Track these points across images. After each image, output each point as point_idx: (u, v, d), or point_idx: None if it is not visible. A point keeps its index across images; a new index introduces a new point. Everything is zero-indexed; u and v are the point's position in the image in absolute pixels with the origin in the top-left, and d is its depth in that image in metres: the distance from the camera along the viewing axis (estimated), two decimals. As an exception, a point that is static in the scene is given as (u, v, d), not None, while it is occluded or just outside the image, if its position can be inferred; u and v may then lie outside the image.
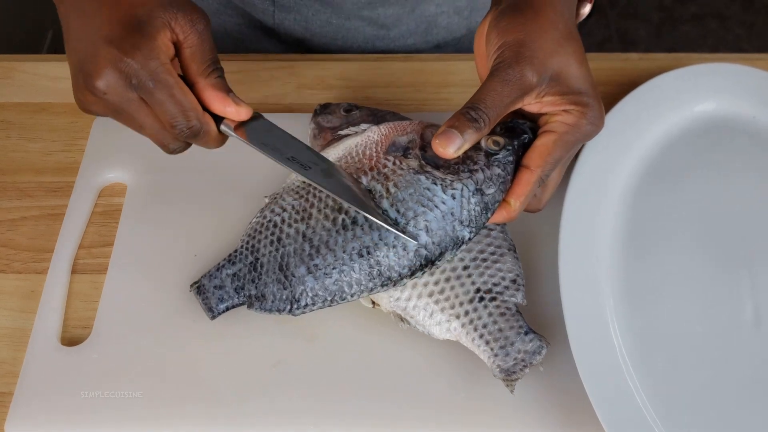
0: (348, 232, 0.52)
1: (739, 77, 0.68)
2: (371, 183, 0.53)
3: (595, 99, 0.52)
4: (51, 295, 0.60)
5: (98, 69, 0.48)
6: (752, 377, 0.55)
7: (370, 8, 0.79)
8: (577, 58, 0.52)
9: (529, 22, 0.51)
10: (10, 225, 0.65)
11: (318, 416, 0.54)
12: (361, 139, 0.57)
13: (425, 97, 0.73)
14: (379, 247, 0.52)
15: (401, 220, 0.52)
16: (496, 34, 0.51)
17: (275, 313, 0.54)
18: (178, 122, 0.50)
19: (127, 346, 0.57)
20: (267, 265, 0.55)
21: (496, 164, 0.53)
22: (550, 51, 0.50)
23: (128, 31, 0.48)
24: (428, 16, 0.81)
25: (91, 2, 0.49)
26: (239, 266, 0.56)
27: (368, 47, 0.83)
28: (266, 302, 0.54)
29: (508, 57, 0.50)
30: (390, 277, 0.52)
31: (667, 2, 2.12)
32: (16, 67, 0.75)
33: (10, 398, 0.55)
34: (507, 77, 0.50)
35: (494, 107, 0.50)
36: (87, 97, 0.50)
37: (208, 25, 0.51)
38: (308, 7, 0.80)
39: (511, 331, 0.53)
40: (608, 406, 0.52)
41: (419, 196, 0.52)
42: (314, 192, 0.55)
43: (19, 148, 0.69)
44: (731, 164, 0.65)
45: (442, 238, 0.52)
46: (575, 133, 0.52)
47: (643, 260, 0.59)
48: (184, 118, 0.50)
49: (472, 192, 0.52)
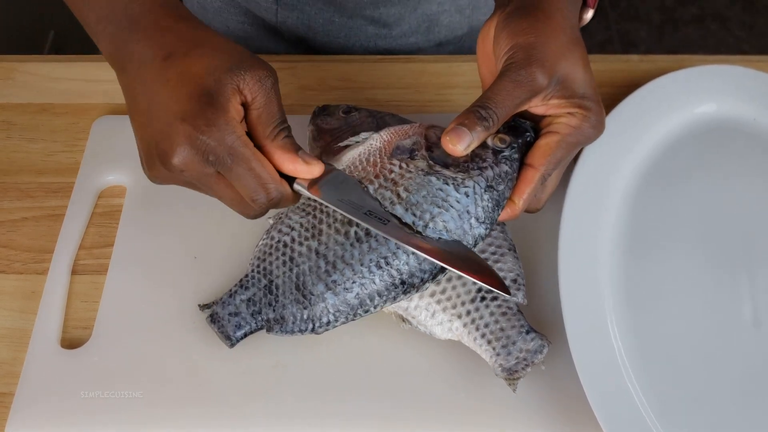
0: (363, 245, 0.52)
1: (739, 79, 0.68)
2: (379, 191, 0.53)
3: (597, 104, 0.53)
4: (51, 297, 0.60)
5: (174, 147, 0.47)
6: (751, 378, 0.55)
7: (373, 7, 0.79)
8: (583, 62, 0.52)
9: (540, 25, 0.51)
10: (11, 225, 0.65)
11: (319, 417, 0.54)
12: (363, 148, 0.56)
13: (427, 99, 0.73)
14: (398, 256, 0.51)
15: (419, 223, 0.51)
16: (507, 35, 0.52)
17: (297, 335, 0.53)
18: (259, 196, 0.49)
19: (128, 348, 0.57)
20: (283, 287, 0.54)
21: (503, 161, 0.53)
22: (560, 55, 0.51)
23: (200, 106, 0.47)
24: (430, 14, 0.82)
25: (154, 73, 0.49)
26: (253, 290, 0.55)
27: (370, 46, 0.83)
28: (287, 324, 0.53)
29: (520, 58, 0.51)
30: (413, 284, 0.52)
31: (668, 4, 2.12)
32: (18, 67, 0.75)
33: (11, 399, 0.55)
34: (518, 78, 0.50)
35: (503, 107, 0.50)
36: (162, 174, 0.49)
37: (276, 82, 0.50)
38: (311, 5, 0.80)
39: (513, 330, 0.53)
40: (607, 407, 0.52)
41: (433, 197, 0.52)
42: (321, 208, 0.54)
43: (20, 149, 0.69)
44: (731, 166, 0.65)
45: (461, 236, 0.52)
46: (577, 135, 0.53)
47: (643, 261, 0.59)
48: (264, 191, 0.49)
49: (483, 189, 0.52)
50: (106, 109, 0.71)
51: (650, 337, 0.56)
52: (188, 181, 0.50)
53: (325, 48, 0.84)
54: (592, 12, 0.58)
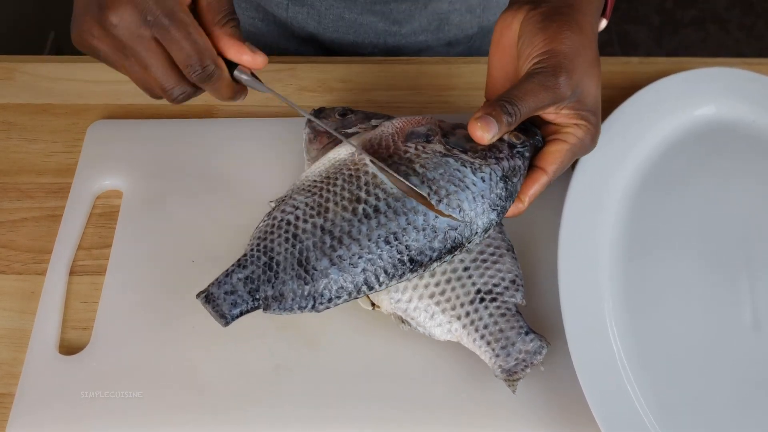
0: (372, 221, 0.51)
1: (739, 81, 0.68)
2: (393, 165, 0.52)
3: (599, 119, 0.55)
4: (50, 298, 0.60)
5: (114, 3, 0.47)
6: (750, 380, 0.55)
7: (383, 3, 0.79)
8: (599, 81, 0.54)
9: (576, 37, 0.53)
10: (10, 226, 0.65)
11: (318, 418, 0.54)
12: (373, 134, 0.56)
13: (426, 100, 0.73)
14: (408, 232, 0.51)
15: (434, 196, 0.51)
16: (543, 38, 0.52)
17: (296, 312, 0.52)
18: (193, 62, 0.49)
19: (128, 350, 0.57)
20: (284, 263, 0.52)
21: (518, 156, 0.54)
22: (585, 70, 0.53)
23: None
24: (441, 13, 0.82)
25: None
26: (251, 269, 0.53)
27: (380, 43, 0.83)
28: (285, 301, 0.52)
29: (552, 65, 0.52)
30: (421, 262, 0.51)
31: (668, 6, 2.12)
32: (18, 68, 0.75)
33: (10, 399, 0.55)
34: (547, 83, 0.51)
35: (526, 106, 0.51)
36: (94, 29, 0.48)
37: None
38: (322, 1, 0.80)
39: (512, 332, 0.53)
40: (606, 408, 0.52)
41: (450, 176, 0.52)
42: (327, 187, 0.54)
43: (20, 149, 0.69)
44: (731, 168, 0.65)
45: (473, 218, 0.52)
46: (581, 146, 0.54)
47: (642, 263, 0.59)
48: (199, 57, 0.49)
49: (499, 177, 0.53)
50: (106, 110, 0.71)
51: (649, 339, 0.56)
52: (119, 45, 0.49)
53: (335, 44, 0.84)
54: (605, 23, 0.60)
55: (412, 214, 0.51)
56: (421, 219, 0.51)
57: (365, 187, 0.52)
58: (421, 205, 0.51)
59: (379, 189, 0.52)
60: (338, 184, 0.53)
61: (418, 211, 0.51)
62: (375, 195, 0.52)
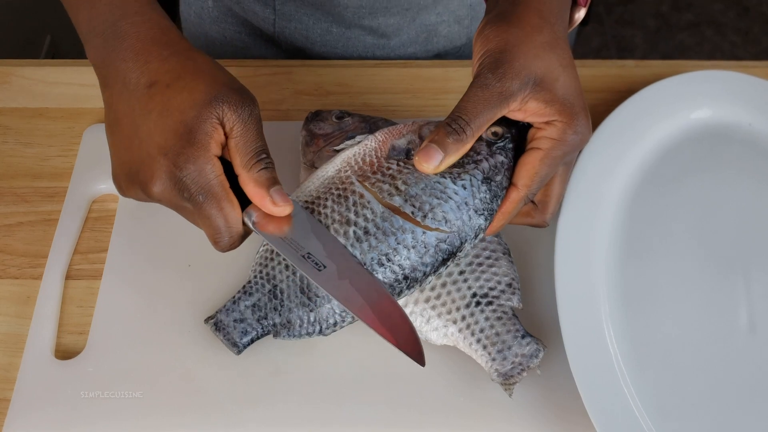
0: (363, 244, 0.52)
1: (735, 84, 0.68)
2: (377, 184, 0.53)
3: (581, 108, 0.51)
4: (46, 302, 0.59)
5: (154, 180, 0.49)
6: (746, 383, 0.55)
7: (371, 17, 0.79)
8: (562, 63, 0.51)
9: (513, 29, 0.51)
10: (6, 230, 0.64)
11: (316, 422, 0.54)
12: (358, 149, 0.56)
13: (422, 104, 0.73)
14: (399, 251, 0.51)
15: (418, 213, 0.52)
16: (480, 42, 0.52)
17: (305, 338, 0.54)
18: (218, 238, 0.51)
19: (124, 355, 0.57)
20: (287, 291, 0.54)
21: (498, 152, 0.54)
22: (532, 56, 0.50)
23: (181, 144, 0.49)
24: (429, 25, 0.81)
25: (137, 100, 0.50)
26: (257, 296, 0.55)
27: (368, 56, 0.83)
28: (294, 328, 0.54)
29: (488, 63, 0.50)
30: (415, 278, 0.52)
31: (664, 9, 2.12)
32: (14, 71, 0.75)
33: (6, 404, 0.55)
34: (486, 82, 0.50)
35: (476, 115, 0.50)
36: (138, 195, 0.51)
37: (255, 112, 0.51)
38: (309, 15, 0.80)
39: (508, 335, 0.53)
40: (602, 411, 0.52)
41: (431, 189, 0.52)
42: (318, 209, 0.54)
43: (15, 153, 0.69)
44: (727, 171, 0.65)
45: (460, 228, 0.52)
46: (561, 147, 0.51)
47: (639, 266, 0.59)
48: (227, 232, 0.50)
49: (480, 181, 0.53)
50: (102, 114, 0.71)
51: (646, 342, 0.56)
52: (161, 204, 0.51)
53: (323, 58, 0.83)
54: (584, 11, 0.57)
55: (401, 233, 0.51)
56: (409, 237, 0.51)
57: (353, 207, 0.53)
58: (408, 223, 0.52)
59: (367, 209, 0.52)
60: (328, 205, 0.53)
61: (405, 230, 0.52)
62: (363, 216, 0.52)
